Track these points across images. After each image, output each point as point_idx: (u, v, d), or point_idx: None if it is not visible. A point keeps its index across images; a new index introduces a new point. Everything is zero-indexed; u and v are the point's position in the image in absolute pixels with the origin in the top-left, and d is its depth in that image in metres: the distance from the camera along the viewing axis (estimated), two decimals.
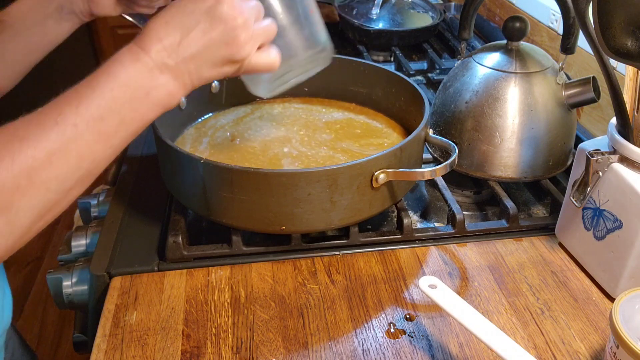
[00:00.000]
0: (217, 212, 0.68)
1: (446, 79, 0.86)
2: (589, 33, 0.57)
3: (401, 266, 0.70)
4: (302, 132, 0.84)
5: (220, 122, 0.87)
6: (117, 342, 0.60)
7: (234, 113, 0.90)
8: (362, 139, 0.83)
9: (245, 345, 0.60)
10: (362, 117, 0.89)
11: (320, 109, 0.91)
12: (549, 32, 1.10)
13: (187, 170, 0.67)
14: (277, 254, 0.71)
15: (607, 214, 0.63)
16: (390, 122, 0.88)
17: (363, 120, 0.88)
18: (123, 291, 0.66)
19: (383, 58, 1.32)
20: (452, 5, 1.51)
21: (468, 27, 0.84)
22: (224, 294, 0.66)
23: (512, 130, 0.78)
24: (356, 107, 0.92)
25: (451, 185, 0.82)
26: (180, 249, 0.70)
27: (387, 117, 0.89)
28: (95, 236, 0.77)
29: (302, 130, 0.84)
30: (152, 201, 0.80)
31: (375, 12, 1.30)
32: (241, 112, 0.90)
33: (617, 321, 0.50)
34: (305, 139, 0.82)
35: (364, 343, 0.60)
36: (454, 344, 0.60)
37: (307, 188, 0.64)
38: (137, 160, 0.89)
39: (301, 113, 0.90)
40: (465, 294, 0.66)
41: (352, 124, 0.87)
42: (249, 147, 0.81)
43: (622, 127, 0.62)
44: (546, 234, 0.75)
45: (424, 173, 0.67)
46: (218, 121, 0.87)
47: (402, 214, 0.73)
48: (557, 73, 0.79)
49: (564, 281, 0.68)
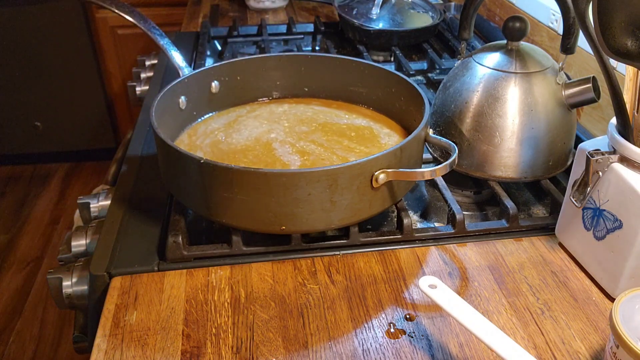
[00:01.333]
0: (217, 212, 0.68)
1: (446, 79, 0.86)
2: (589, 33, 0.57)
3: (401, 266, 0.70)
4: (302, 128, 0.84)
5: (212, 126, 0.87)
6: (117, 342, 0.60)
7: (233, 113, 0.90)
8: (361, 139, 0.83)
9: (245, 345, 0.60)
10: (362, 117, 0.89)
11: (320, 109, 0.91)
12: (549, 32, 1.10)
13: (187, 170, 0.67)
14: (277, 254, 0.71)
15: (607, 214, 0.63)
16: (390, 122, 0.88)
17: (362, 120, 0.88)
18: (123, 291, 0.66)
19: (383, 58, 1.32)
20: (452, 5, 1.51)
21: (468, 27, 0.84)
22: (224, 294, 0.66)
23: (512, 130, 0.78)
24: (356, 107, 0.92)
25: (451, 185, 0.82)
26: (180, 249, 0.70)
27: (387, 117, 0.89)
28: (95, 236, 0.77)
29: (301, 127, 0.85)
30: (152, 201, 0.80)
31: (375, 12, 1.30)
32: (239, 112, 0.90)
33: (617, 321, 0.50)
34: (295, 133, 0.82)
35: (364, 343, 0.60)
36: (454, 344, 0.60)
37: (307, 188, 0.64)
38: (137, 160, 0.89)
39: (301, 113, 0.90)
40: (465, 294, 0.66)
41: (351, 124, 0.87)
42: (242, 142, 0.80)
43: (622, 127, 0.62)
44: (546, 234, 0.75)
45: (424, 173, 0.67)
46: (209, 126, 0.86)
47: (402, 214, 0.73)
48: (557, 73, 0.79)
49: (564, 281, 0.68)
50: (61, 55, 2.39)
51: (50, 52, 2.39)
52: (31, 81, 2.46)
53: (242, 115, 0.89)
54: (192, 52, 1.33)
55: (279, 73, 0.93)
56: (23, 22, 2.33)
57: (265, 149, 0.80)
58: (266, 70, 0.92)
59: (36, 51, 2.39)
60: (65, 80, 2.45)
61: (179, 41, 1.37)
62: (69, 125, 2.59)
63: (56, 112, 2.55)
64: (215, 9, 1.67)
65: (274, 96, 0.94)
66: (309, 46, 1.41)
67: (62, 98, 2.51)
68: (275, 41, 1.42)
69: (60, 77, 2.46)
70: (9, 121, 2.54)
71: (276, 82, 0.93)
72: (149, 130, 0.97)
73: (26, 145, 2.63)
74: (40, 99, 2.50)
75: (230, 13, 1.64)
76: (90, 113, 2.55)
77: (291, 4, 1.69)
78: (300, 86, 0.94)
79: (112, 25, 2.24)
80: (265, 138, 0.83)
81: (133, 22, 0.88)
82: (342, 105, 0.92)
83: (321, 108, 0.91)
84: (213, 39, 1.42)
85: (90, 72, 2.42)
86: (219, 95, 0.89)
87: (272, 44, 1.40)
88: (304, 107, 0.92)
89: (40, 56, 2.41)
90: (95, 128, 2.59)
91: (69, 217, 2.38)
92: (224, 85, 0.89)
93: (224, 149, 0.80)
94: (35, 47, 2.38)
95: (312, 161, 0.77)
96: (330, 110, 0.91)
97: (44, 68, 2.44)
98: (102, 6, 0.89)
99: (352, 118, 0.89)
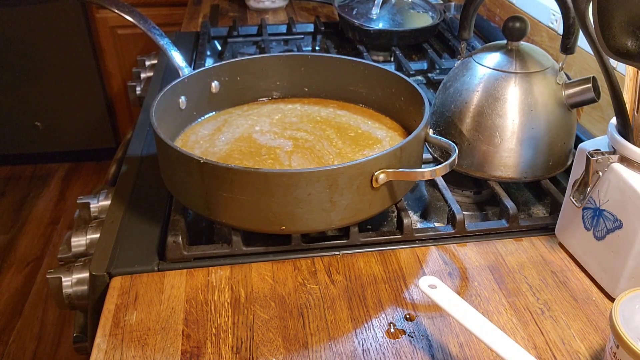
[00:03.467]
0: (217, 212, 0.68)
1: (446, 79, 0.86)
2: (589, 33, 0.57)
3: (401, 266, 0.70)
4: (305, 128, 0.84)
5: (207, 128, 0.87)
6: (117, 342, 0.60)
7: (232, 114, 0.90)
8: (360, 139, 0.83)
9: (245, 345, 0.60)
10: (362, 117, 0.89)
11: (321, 109, 0.91)
12: (549, 32, 1.10)
13: (187, 170, 0.67)
14: (277, 254, 0.71)
15: (607, 214, 0.63)
16: (390, 122, 0.88)
17: (362, 120, 0.88)
18: (123, 291, 0.66)
19: (383, 58, 1.32)
20: (452, 5, 1.51)
21: (468, 27, 0.84)
22: (224, 294, 0.66)
23: (512, 130, 0.78)
24: (356, 107, 0.92)
25: (451, 185, 0.82)
26: (180, 249, 0.70)
27: (387, 117, 0.89)
28: (95, 236, 0.77)
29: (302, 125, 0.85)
30: (152, 201, 0.80)
31: (375, 12, 1.30)
32: (237, 112, 0.90)
33: (617, 321, 0.50)
34: (283, 124, 0.83)
35: (364, 343, 0.60)
36: (454, 344, 0.60)
37: (307, 188, 0.64)
38: (137, 160, 0.89)
39: (301, 112, 0.90)
40: (465, 294, 0.66)
41: (351, 124, 0.87)
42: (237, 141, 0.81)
43: (622, 127, 0.62)
44: (546, 234, 0.75)
45: (424, 173, 0.67)
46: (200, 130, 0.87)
47: (402, 214, 0.73)
48: (557, 73, 0.79)
49: (564, 281, 0.68)
50: (61, 55, 2.39)
51: (50, 52, 2.39)
52: (31, 81, 2.46)
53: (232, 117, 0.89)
54: (192, 52, 1.33)
55: (279, 73, 0.93)
56: (23, 22, 2.33)
57: (248, 142, 0.81)
58: (266, 70, 0.92)
59: (36, 51, 2.39)
60: (65, 80, 2.45)
61: (179, 41, 1.37)
62: (69, 125, 2.58)
63: (56, 112, 2.55)
64: (215, 9, 1.67)
65: (274, 96, 0.94)
66: (309, 46, 1.42)
67: (62, 98, 2.50)
68: (275, 41, 1.42)
69: (60, 77, 2.46)
70: (9, 121, 2.54)
71: (276, 82, 0.93)
72: (149, 130, 0.97)
73: (26, 145, 2.63)
74: (40, 99, 2.50)
75: (230, 13, 1.64)
76: (90, 113, 2.54)
77: (291, 4, 1.69)
78: (300, 86, 0.94)
79: (112, 25, 2.24)
80: (247, 133, 0.83)
81: (133, 22, 0.88)
82: (342, 105, 0.92)
83: (321, 108, 0.91)
84: (213, 39, 1.42)
85: (90, 72, 2.42)
86: (219, 95, 0.89)
87: (272, 44, 1.40)
88: (303, 107, 0.92)
89: (40, 56, 2.40)
90: (95, 128, 2.59)
91: (69, 217, 2.38)
92: (224, 85, 0.89)
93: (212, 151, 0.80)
94: (35, 47, 2.38)
95: (308, 147, 0.77)
96: (330, 110, 0.91)
97: (44, 68, 2.44)
98: (102, 6, 0.89)
99: (351, 118, 0.89)
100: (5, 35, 2.36)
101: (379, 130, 0.85)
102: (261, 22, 1.45)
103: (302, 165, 0.76)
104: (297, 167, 0.76)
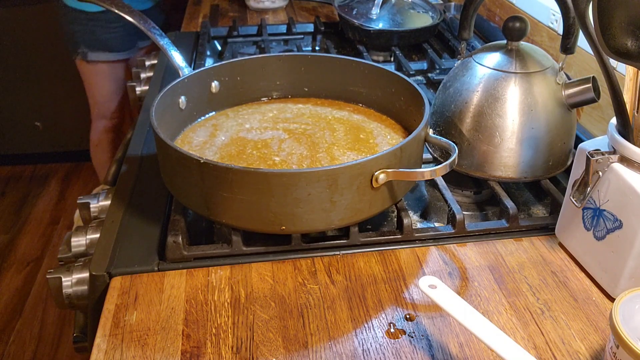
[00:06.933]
0: (217, 212, 0.68)
1: (446, 79, 0.86)
2: (589, 33, 0.57)
3: (401, 266, 0.70)
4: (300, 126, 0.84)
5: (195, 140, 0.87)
6: (117, 342, 0.60)
7: (231, 114, 0.90)
8: (360, 139, 0.83)
9: (245, 345, 0.60)
10: (362, 117, 0.89)
11: (321, 109, 0.91)
12: (549, 32, 1.10)
13: (187, 170, 0.67)
14: (277, 254, 0.71)
15: (607, 214, 0.63)
16: (390, 122, 0.88)
17: (362, 120, 0.88)
18: (123, 291, 0.66)
19: (383, 58, 1.32)
20: (452, 5, 1.51)
21: (468, 27, 0.84)
22: (224, 294, 0.66)
23: (512, 130, 0.78)
24: (356, 107, 0.92)
25: (451, 185, 0.82)
26: (180, 249, 0.70)
27: (387, 117, 0.89)
28: (95, 236, 0.77)
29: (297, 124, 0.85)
30: (152, 201, 0.80)
31: (375, 12, 1.30)
32: (237, 112, 0.90)
33: (617, 321, 0.50)
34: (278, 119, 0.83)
35: (364, 343, 0.60)
36: (454, 344, 0.60)
37: (307, 188, 0.64)
38: (137, 160, 0.89)
39: (301, 112, 0.90)
40: (465, 294, 0.66)
41: (350, 124, 0.87)
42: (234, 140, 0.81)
43: (622, 127, 0.62)
44: (546, 234, 0.75)
45: (424, 173, 0.67)
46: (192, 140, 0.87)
47: (402, 214, 0.73)
48: (557, 73, 0.79)
49: (564, 281, 0.68)
50: (61, 56, 2.39)
51: (50, 52, 2.39)
52: (31, 81, 2.46)
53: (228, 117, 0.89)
54: (192, 52, 1.33)
55: (279, 73, 0.93)
56: (23, 22, 2.33)
57: (238, 141, 0.81)
58: (266, 70, 0.92)
59: (36, 51, 2.39)
60: (65, 80, 2.45)
61: (179, 41, 1.37)
62: (69, 125, 2.58)
63: (56, 112, 2.55)
64: (215, 9, 1.67)
65: (274, 96, 0.94)
66: (309, 46, 1.42)
67: (62, 98, 2.50)
68: (275, 41, 1.42)
69: (60, 77, 2.46)
70: (9, 121, 2.54)
71: (276, 82, 0.93)
72: (149, 130, 0.97)
73: (26, 145, 2.63)
74: (40, 99, 2.50)
75: (230, 13, 1.64)
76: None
77: (291, 4, 1.69)
78: (300, 86, 0.94)
79: None
80: (238, 133, 0.84)
81: (133, 22, 0.88)
82: (342, 105, 0.92)
83: (321, 108, 0.91)
84: (213, 39, 1.42)
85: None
86: (219, 95, 0.89)
87: (272, 44, 1.40)
88: (303, 107, 0.92)
89: (40, 56, 2.40)
90: None
91: (69, 217, 2.38)
92: (224, 85, 0.89)
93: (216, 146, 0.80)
94: (35, 47, 2.38)
95: (307, 134, 0.77)
96: (329, 110, 0.91)
97: (44, 68, 2.44)
98: (102, 6, 0.89)
99: (351, 118, 0.89)
100: (5, 35, 2.36)
101: (378, 130, 0.85)
102: (261, 22, 1.45)
103: (294, 150, 0.76)
104: (289, 152, 0.76)
